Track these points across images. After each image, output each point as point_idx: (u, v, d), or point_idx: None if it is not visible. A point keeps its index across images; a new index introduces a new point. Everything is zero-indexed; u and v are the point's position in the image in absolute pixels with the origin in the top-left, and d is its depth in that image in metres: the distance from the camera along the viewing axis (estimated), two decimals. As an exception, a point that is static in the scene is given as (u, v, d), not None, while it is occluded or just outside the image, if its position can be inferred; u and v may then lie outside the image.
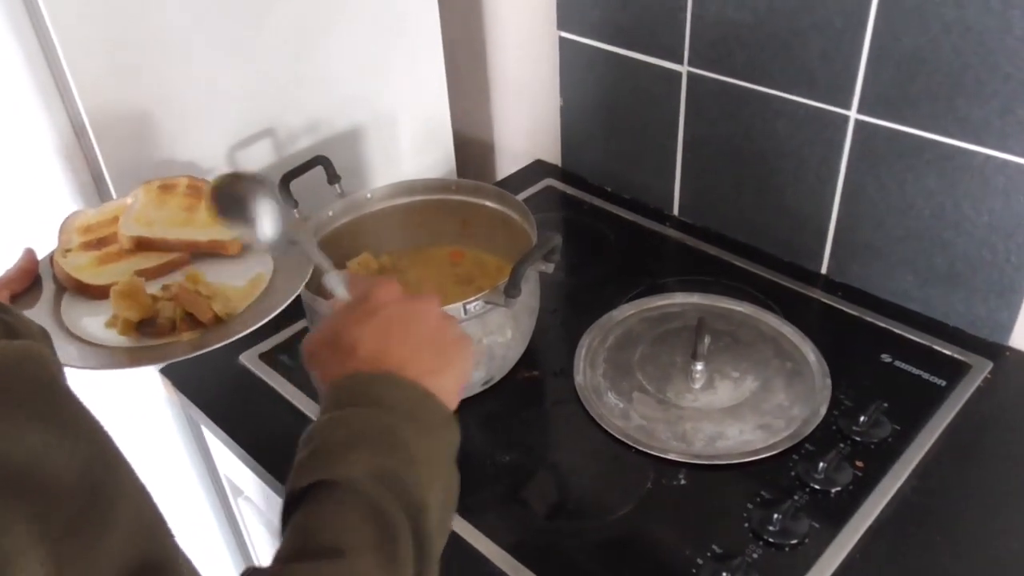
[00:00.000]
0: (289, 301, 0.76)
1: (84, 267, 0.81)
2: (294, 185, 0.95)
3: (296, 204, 0.95)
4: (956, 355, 0.91)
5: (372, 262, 0.99)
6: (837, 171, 0.98)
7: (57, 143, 0.89)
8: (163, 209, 0.86)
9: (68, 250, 0.82)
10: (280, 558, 0.45)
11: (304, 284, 0.78)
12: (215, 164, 1.01)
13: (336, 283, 0.61)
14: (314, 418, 0.51)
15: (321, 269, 0.62)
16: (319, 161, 0.97)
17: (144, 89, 0.92)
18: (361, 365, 0.52)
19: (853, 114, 0.93)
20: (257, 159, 1.05)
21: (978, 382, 0.88)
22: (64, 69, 0.85)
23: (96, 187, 0.93)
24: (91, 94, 0.87)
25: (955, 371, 0.89)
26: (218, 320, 0.75)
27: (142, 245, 0.84)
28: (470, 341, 0.58)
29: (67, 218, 0.86)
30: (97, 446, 0.37)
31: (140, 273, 0.80)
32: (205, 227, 0.85)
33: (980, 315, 0.93)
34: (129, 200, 0.87)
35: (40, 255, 0.81)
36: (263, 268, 0.82)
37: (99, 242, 0.84)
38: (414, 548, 0.46)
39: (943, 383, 0.88)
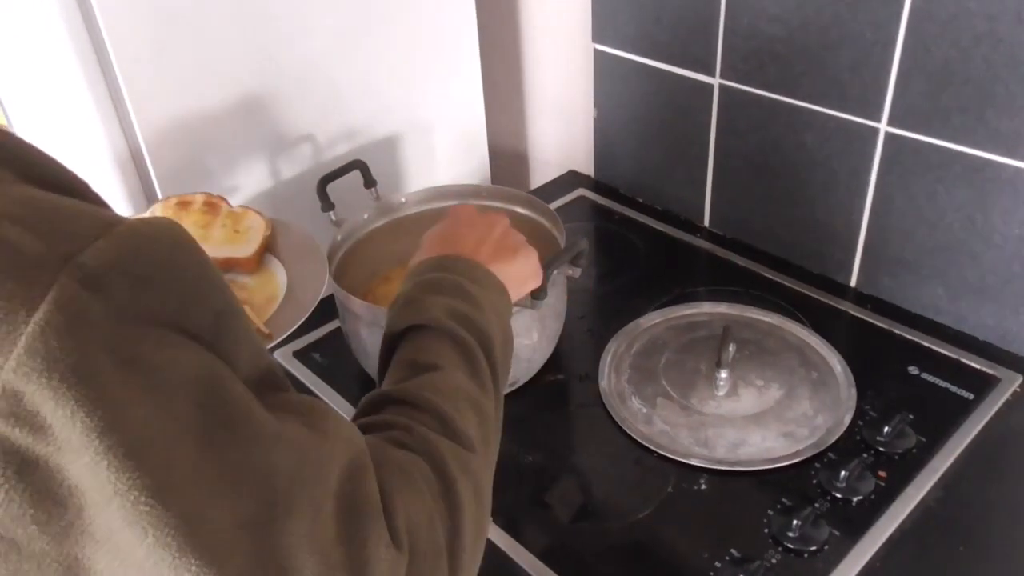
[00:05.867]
0: (312, 309, 0.79)
1: None
2: (331, 188, 0.97)
3: (333, 206, 0.98)
4: (985, 368, 0.91)
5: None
6: (867, 183, 0.98)
7: (111, 154, 0.93)
8: None
9: None
10: (392, 382, 0.57)
11: (323, 291, 0.81)
12: (257, 169, 1.05)
13: None
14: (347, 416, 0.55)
15: None
16: (356, 165, 0.99)
17: (191, 98, 0.95)
18: (442, 251, 0.67)
19: (883, 126, 0.93)
20: (297, 163, 1.08)
21: (1007, 395, 0.87)
22: (119, 81, 0.89)
23: (146, 195, 0.97)
24: (142, 103, 0.91)
25: (983, 384, 0.89)
26: None
27: None
28: (531, 249, 0.74)
29: None
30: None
31: None
32: (220, 244, 0.86)
33: (1010, 329, 0.93)
34: (147, 216, 0.90)
35: None
36: (278, 281, 0.84)
37: None
38: (488, 369, 0.59)
39: (971, 396, 0.87)
